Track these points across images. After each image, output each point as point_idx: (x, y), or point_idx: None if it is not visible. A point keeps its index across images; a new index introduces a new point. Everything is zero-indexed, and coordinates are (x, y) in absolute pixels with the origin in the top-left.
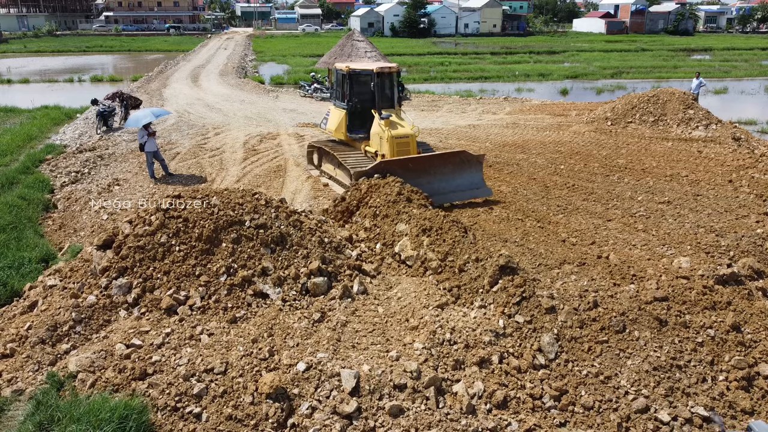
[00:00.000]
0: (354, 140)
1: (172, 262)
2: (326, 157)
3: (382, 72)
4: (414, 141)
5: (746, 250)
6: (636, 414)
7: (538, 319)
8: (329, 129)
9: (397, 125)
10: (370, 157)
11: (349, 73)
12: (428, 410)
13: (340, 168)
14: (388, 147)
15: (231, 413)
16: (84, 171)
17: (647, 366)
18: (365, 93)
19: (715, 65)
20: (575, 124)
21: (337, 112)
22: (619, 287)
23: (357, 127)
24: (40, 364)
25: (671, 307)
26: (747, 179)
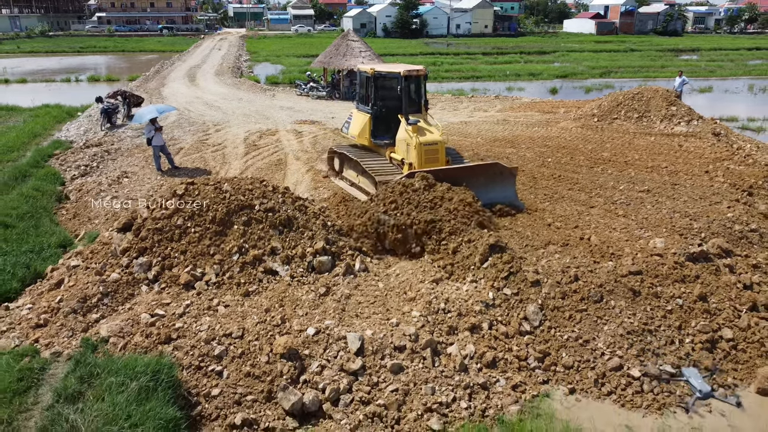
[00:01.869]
0: (378, 146)
1: (189, 242)
2: (348, 163)
3: (410, 75)
4: (443, 148)
5: (716, 232)
6: (611, 371)
7: (524, 292)
8: (352, 134)
9: (425, 131)
10: (396, 165)
11: (374, 75)
12: (425, 368)
13: (365, 175)
14: (416, 154)
15: (249, 371)
16: (92, 165)
17: (621, 331)
18: (391, 97)
19: (702, 65)
20: (563, 120)
21: (361, 116)
22: (598, 264)
23: (382, 132)
24: (74, 331)
25: (644, 280)
26: (722, 170)
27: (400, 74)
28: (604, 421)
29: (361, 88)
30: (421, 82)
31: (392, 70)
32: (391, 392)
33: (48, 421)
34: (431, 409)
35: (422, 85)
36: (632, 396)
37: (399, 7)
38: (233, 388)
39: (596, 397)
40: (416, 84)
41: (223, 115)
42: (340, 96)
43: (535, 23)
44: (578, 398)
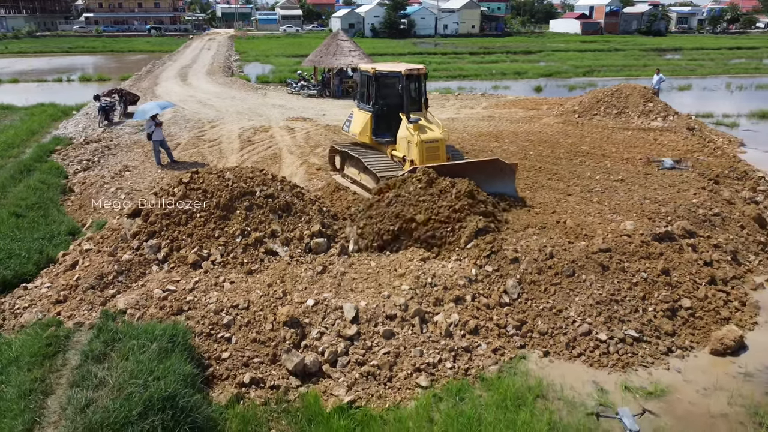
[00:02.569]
0: (380, 144)
1: (195, 226)
2: (350, 160)
3: (411, 74)
4: (444, 146)
5: (682, 216)
6: (581, 336)
7: (504, 268)
8: (353, 132)
9: (426, 129)
10: (397, 162)
11: (375, 74)
12: (414, 334)
13: (366, 173)
14: (417, 152)
15: (255, 337)
16: (94, 159)
17: (591, 301)
18: (392, 95)
19: (683, 64)
20: (546, 116)
21: (362, 114)
22: (572, 243)
23: (383, 130)
24: (93, 304)
25: (613, 256)
26: (692, 161)
27: (402, 73)
28: (573, 378)
29: (362, 87)
30: (421, 81)
31: (393, 70)
32: (384, 354)
33: (78, 377)
34: (420, 369)
35: (423, 83)
36: (599, 357)
37: (387, 8)
38: (241, 352)
39: (567, 359)
40: (417, 83)
41: (217, 113)
42: (330, 94)
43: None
44: (551, 360)
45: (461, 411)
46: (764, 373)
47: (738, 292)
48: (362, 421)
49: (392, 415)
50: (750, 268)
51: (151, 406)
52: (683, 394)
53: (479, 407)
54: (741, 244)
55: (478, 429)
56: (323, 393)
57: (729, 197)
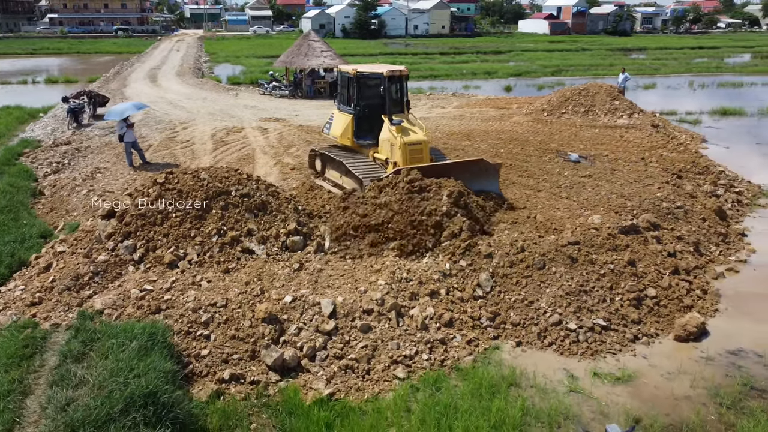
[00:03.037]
0: (361, 146)
1: (170, 226)
2: (331, 163)
3: (392, 75)
4: (427, 147)
5: (647, 209)
6: (551, 326)
7: (478, 262)
8: (333, 134)
9: (409, 131)
10: (380, 165)
11: (356, 76)
12: (391, 327)
13: (348, 176)
14: (401, 154)
15: (234, 334)
16: (64, 162)
17: (561, 292)
18: (373, 97)
19: (647, 63)
20: (516, 115)
21: (343, 116)
22: (542, 237)
23: (365, 132)
24: (69, 305)
25: (581, 249)
26: (656, 157)
27: (383, 75)
28: (545, 366)
29: (343, 88)
30: (403, 82)
31: (375, 71)
32: (362, 348)
33: (58, 377)
34: (397, 361)
35: (404, 85)
36: (569, 345)
37: (357, 8)
38: (220, 348)
39: (539, 348)
40: (399, 84)
41: (188, 114)
42: (302, 95)
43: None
44: (524, 349)
45: (438, 400)
46: (724, 357)
47: (700, 281)
48: (342, 412)
49: (371, 406)
50: (711, 258)
51: (133, 402)
52: (649, 379)
53: (455, 396)
54: (703, 235)
55: (454, 417)
56: (303, 387)
57: (691, 191)
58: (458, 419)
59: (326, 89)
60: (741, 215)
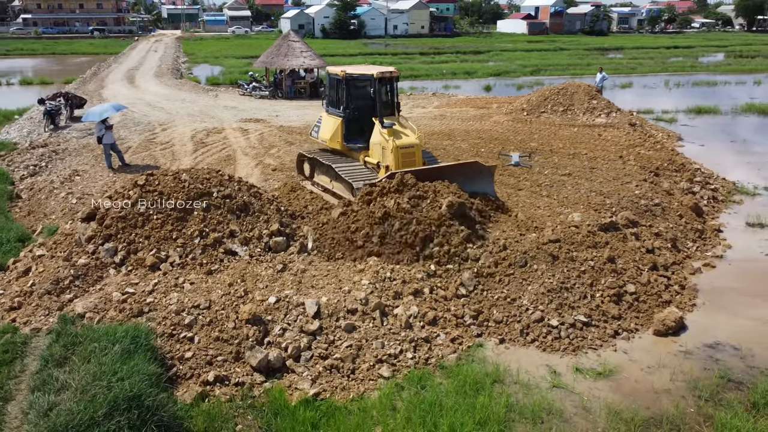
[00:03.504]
0: (351, 150)
1: (152, 228)
2: (320, 168)
3: (383, 77)
4: (420, 151)
5: (625, 207)
6: (534, 323)
7: (462, 263)
8: (322, 138)
9: (401, 134)
10: (371, 169)
11: (345, 78)
12: (375, 327)
13: (339, 180)
14: (393, 158)
15: (218, 336)
16: (41, 164)
17: (543, 289)
18: (363, 99)
19: (624, 62)
20: (496, 115)
21: (332, 120)
22: (524, 235)
23: (355, 135)
24: (49, 309)
25: (562, 246)
26: (634, 155)
27: (374, 76)
28: (528, 363)
29: (332, 90)
30: (393, 84)
31: (364, 72)
32: (346, 347)
33: (39, 382)
34: (382, 360)
35: (395, 86)
36: (552, 342)
37: (337, 8)
38: (204, 351)
39: (522, 345)
40: (389, 86)
41: (167, 115)
42: (282, 95)
43: (470, 24)
44: (507, 346)
45: (423, 398)
46: (703, 350)
47: (678, 277)
48: (327, 412)
49: (356, 405)
50: (688, 254)
51: (117, 406)
52: (630, 373)
53: (440, 394)
54: (680, 232)
55: (439, 414)
56: (288, 387)
57: (668, 188)
58: (443, 416)
59: (306, 90)
60: (717, 211)
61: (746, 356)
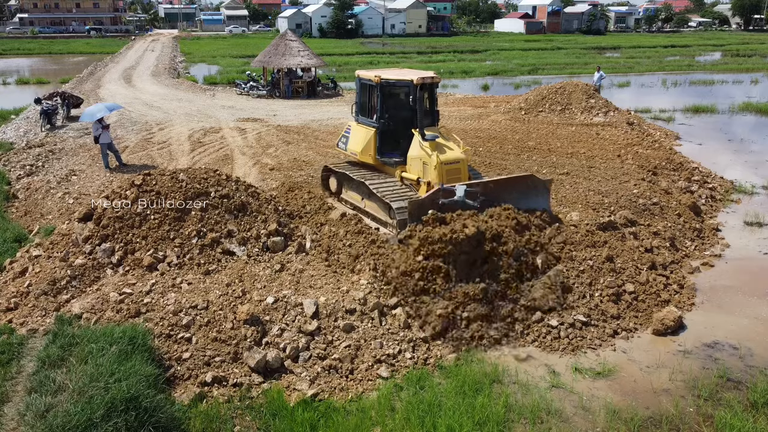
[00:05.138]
0: (385, 164)
1: (149, 228)
2: (350, 184)
3: (424, 83)
4: (465, 167)
5: (623, 206)
6: (533, 323)
7: None
8: (352, 150)
9: (445, 148)
10: (409, 186)
11: (380, 84)
12: (373, 327)
13: (373, 199)
14: (437, 175)
15: (216, 336)
16: (38, 164)
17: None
18: (401, 108)
19: (621, 62)
20: (493, 114)
21: (363, 130)
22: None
23: (390, 148)
24: (46, 310)
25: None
26: (632, 154)
27: (413, 82)
28: (527, 363)
29: (363, 98)
30: (434, 91)
31: (402, 78)
32: (345, 348)
33: (36, 383)
34: (380, 360)
35: (435, 93)
36: (551, 341)
37: (334, 8)
38: (202, 351)
39: (521, 345)
40: (430, 93)
41: (164, 115)
42: (280, 94)
43: (468, 23)
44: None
45: (422, 398)
46: (701, 350)
47: (676, 276)
48: (325, 413)
49: (355, 406)
50: (687, 253)
51: (114, 407)
52: (629, 373)
53: (439, 394)
54: (678, 231)
55: (438, 415)
56: (286, 388)
57: (666, 187)
58: (442, 417)
59: (304, 89)
60: (715, 210)
61: (745, 355)
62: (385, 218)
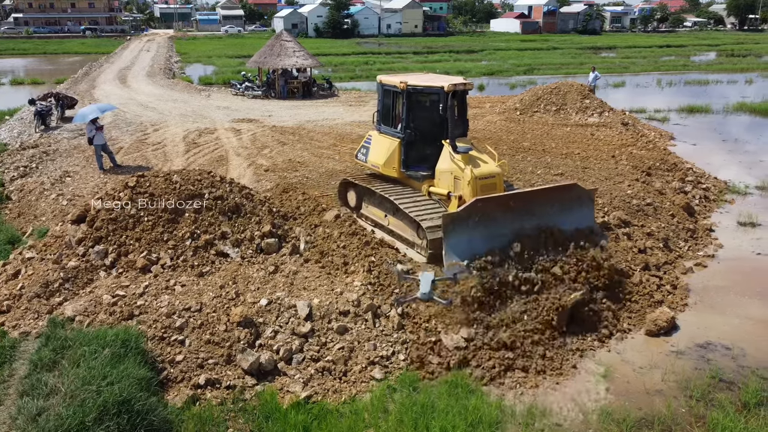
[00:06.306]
0: (411, 178)
1: (142, 230)
2: (371, 199)
3: (455, 90)
4: (501, 182)
5: (617, 206)
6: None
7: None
8: (373, 162)
9: (479, 161)
10: (438, 201)
11: (406, 90)
12: (367, 328)
13: (399, 216)
14: (470, 191)
15: (209, 339)
16: (32, 166)
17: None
18: (429, 118)
19: (616, 62)
20: (489, 114)
21: (386, 141)
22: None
23: (416, 161)
24: (39, 313)
25: None
26: (626, 155)
27: (444, 89)
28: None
29: (386, 105)
30: (465, 98)
31: (431, 84)
32: (338, 350)
33: (28, 386)
34: (374, 362)
35: (466, 101)
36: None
37: (330, 8)
38: (195, 354)
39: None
40: (460, 101)
41: (159, 116)
42: (275, 95)
43: (463, 23)
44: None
45: (415, 400)
46: (694, 350)
47: (670, 277)
48: (319, 415)
49: (348, 408)
50: (680, 253)
51: (106, 411)
52: (622, 373)
53: (432, 396)
54: (672, 231)
55: (431, 416)
56: (280, 390)
57: (660, 188)
58: (435, 419)
59: (299, 89)
60: (708, 211)
61: (737, 356)
62: (412, 238)
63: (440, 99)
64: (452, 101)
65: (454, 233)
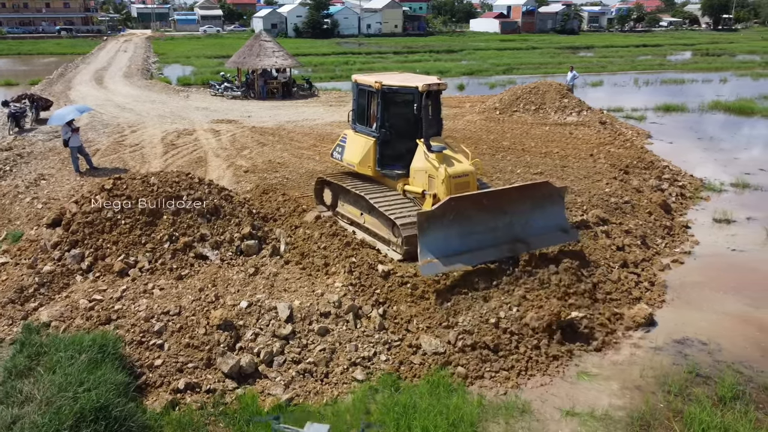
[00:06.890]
0: (386, 177)
1: (120, 233)
2: (347, 197)
3: (429, 90)
4: (474, 180)
5: (596, 205)
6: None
7: None
8: (349, 160)
9: (453, 160)
10: (412, 200)
11: (381, 90)
12: (348, 329)
13: (374, 215)
14: (444, 189)
15: (188, 342)
16: (6, 169)
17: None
18: (403, 117)
19: (594, 61)
20: (469, 114)
21: (361, 140)
22: None
23: (391, 160)
24: (13, 319)
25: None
26: (605, 153)
27: (418, 89)
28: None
29: (361, 105)
30: (439, 98)
31: (406, 84)
32: (320, 351)
33: (2, 394)
34: (355, 363)
35: (440, 101)
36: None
37: (309, 8)
38: (174, 358)
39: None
40: (434, 100)
41: (137, 117)
42: (254, 95)
43: (443, 23)
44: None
45: (396, 401)
46: (671, 346)
47: (647, 274)
48: (300, 417)
49: (330, 409)
50: (657, 250)
51: (83, 418)
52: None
53: (414, 396)
54: (649, 228)
55: (413, 416)
56: (261, 393)
57: (638, 186)
58: (417, 419)
59: (279, 90)
60: (684, 208)
61: (714, 351)
62: (387, 235)
63: (415, 99)
64: (426, 101)
65: (428, 231)
